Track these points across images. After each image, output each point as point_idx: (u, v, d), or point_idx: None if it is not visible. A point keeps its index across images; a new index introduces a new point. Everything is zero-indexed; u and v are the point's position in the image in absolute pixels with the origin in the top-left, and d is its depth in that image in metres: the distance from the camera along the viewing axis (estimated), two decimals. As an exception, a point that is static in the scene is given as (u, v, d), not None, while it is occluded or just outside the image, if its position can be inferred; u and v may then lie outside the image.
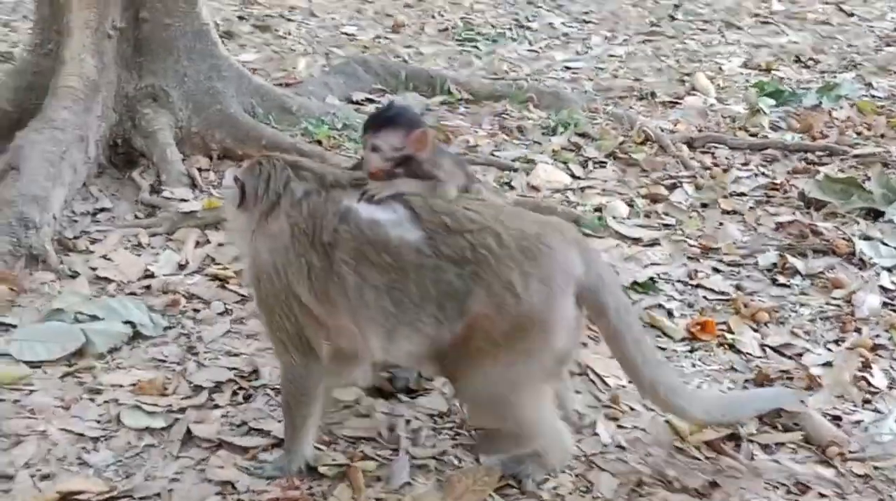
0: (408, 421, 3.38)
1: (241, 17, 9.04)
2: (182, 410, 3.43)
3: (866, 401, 3.59)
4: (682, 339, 3.88)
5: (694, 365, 3.72)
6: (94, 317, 3.93)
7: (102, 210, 4.98)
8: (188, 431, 3.33)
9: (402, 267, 2.89)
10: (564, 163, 5.46)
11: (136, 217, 4.94)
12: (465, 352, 2.89)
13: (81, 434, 3.31)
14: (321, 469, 3.12)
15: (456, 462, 3.20)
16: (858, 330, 4.02)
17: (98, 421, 3.39)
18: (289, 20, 8.98)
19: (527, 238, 2.88)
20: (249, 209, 3.10)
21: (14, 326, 3.96)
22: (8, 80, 5.50)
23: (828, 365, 3.76)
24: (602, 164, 5.50)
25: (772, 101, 6.27)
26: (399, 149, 3.11)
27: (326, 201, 3.02)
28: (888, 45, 8.12)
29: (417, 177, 3.10)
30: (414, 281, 2.88)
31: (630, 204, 4.99)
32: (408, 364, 3.28)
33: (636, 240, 4.66)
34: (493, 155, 5.55)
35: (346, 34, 8.53)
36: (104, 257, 4.53)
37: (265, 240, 3.05)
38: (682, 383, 3.24)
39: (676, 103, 6.49)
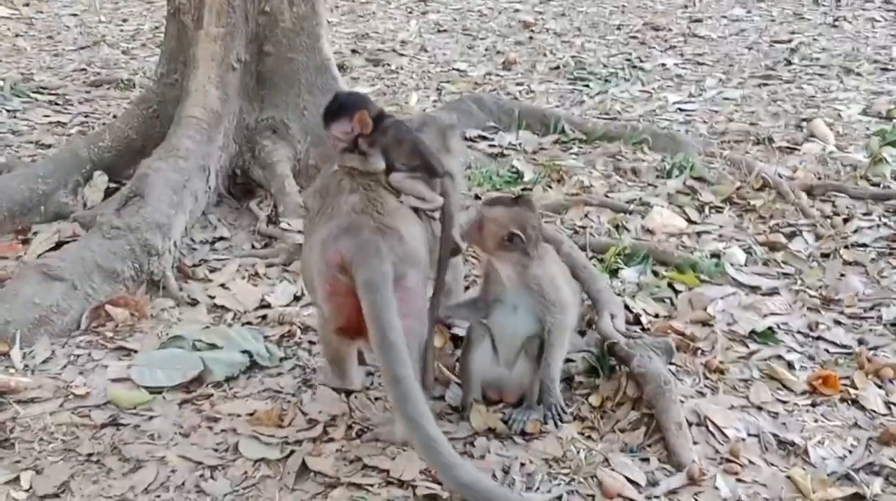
0: (522, 464, 3.34)
1: (354, 51, 9.19)
2: (298, 442, 3.45)
3: None
4: (804, 392, 3.78)
5: (816, 421, 3.61)
6: (212, 346, 3.99)
7: (221, 239, 5.07)
8: (303, 464, 3.34)
9: None
10: (680, 206, 5.39)
11: (253, 247, 5.02)
12: None
13: (200, 462, 3.36)
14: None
15: (571, 508, 3.16)
16: None
17: (216, 450, 3.43)
18: (400, 55, 9.09)
19: None
20: None
21: (135, 351, 4.04)
22: (134, 109, 5.65)
23: (956, 426, 3.63)
24: (719, 210, 5.42)
25: (894, 151, 6.10)
26: (350, 133, 3.56)
27: None
28: None
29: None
30: None
31: (748, 251, 4.90)
32: None
33: (754, 289, 4.56)
34: (607, 196, 5.50)
35: (457, 70, 8.60)
36: (222, 286, 4.61)
37: None
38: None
39: (794, 149, 6.37)
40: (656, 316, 4.31)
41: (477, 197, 5.40)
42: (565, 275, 3.73)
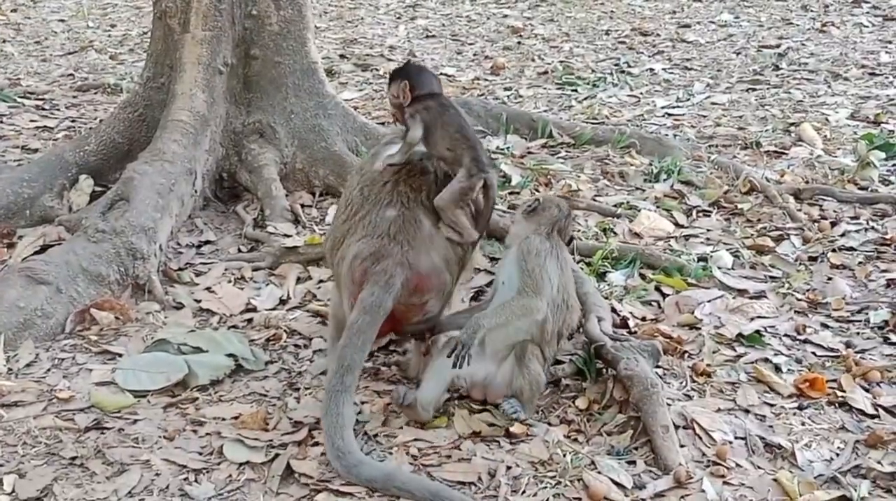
0: (508, 467, 3.33)
1: (342, 56, 9.18)
2: (283, 445, 3.43)
3: None
4: (791, 396, 3.77)
5: (803, 424, 3.60)
6: (197, 349, 3.97)
7: (207, 243, 5.05)
8: (288, 467, 3.32)
9: None
10: (668, 210, 5.39)
11: (240, 251, 5.00)
12: None
13: (184, 466, 3.34)
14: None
15: (557, 511, 3.15)
16: (976, 393, 3.87)
17: (200, 453, 3.41)
18: (389, 60, 9.07)
19: None
20: None
21: (119, 355, 4.02)
22: (119, 112, 5.62)
23: (944, 428, 3.63)
24: (706, 213, 5.41)
25: (882, 155, 6.11)
26: (396, 97, 3.74)
27: None
28: None
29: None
30: None
31: (735, 254, 4.90)
32: None
33: (742, 292, 4.56)
34: (594, 200, 5.50)
35: (445, 75, 8.57)
36: (208, 289, 4.59)
37: None
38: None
39: (782, 153, 6.37)
40: (643, 319, 4.30)
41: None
42: (565, 281, 3.70)
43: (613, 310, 4.24)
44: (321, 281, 4.64)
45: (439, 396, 3.60)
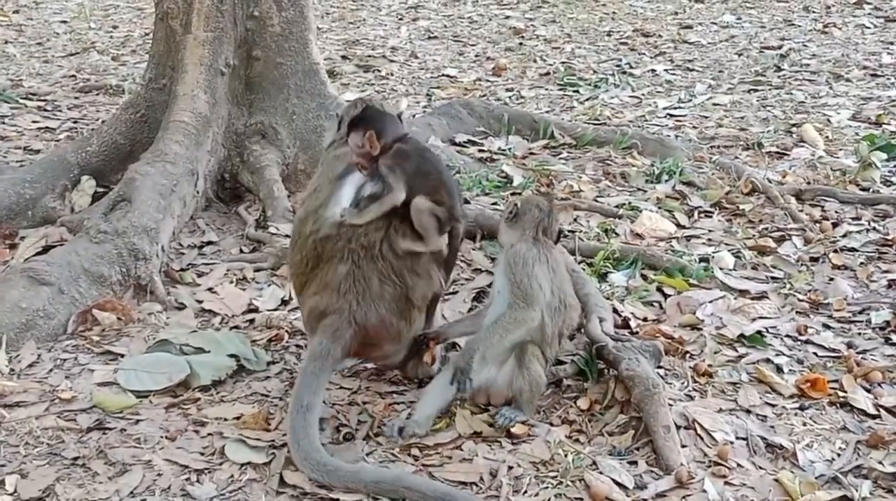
0: (510, 468, 3.33)
1: (344, 57, 9.19)
2: (284, 445, 3.43)
3: None
4: (792, 396, 3.77)
5: (804, 424, 3.60)
6: (199, 350, 3.98)
7: (209, 243, 5.06)
8: (288, 463, 3.33)
9: None
10: (669, 211, 5.39)
11: (242, 251, 5.01)
12: None
13: (186, 466, 3.34)
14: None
15: (559, 512, 3.15)
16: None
17: (202, 454, 3.42)
18: (391, 61, 9.09)
19: None
20: None
21: (121, 355, 4.03)
22: (121, 113, 5.63)
23: (946, 429, 3.63)
24: (708, 214, 5.41)
25: (883, 155, 6.11)
26: (361, 147, 3.57)
27: None
28: None
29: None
30: None
31: (737, 255, 4.90)
32: None
33: (743, 293, 4.56)
34: (596, 201, 5.50)
35: (447, 76, 8.60)
36: (210, 290, 4.60)
37: None
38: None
39: (784, 154, 6.37)
40: (645, 319, 4.30)
41: (466, 201, 5.38)
42: (559, 281, 3.70)
43: (615, 311, 4.24)
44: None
45: (434, 414, 3.59)
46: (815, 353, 4.10)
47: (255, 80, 5.51)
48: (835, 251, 4.98)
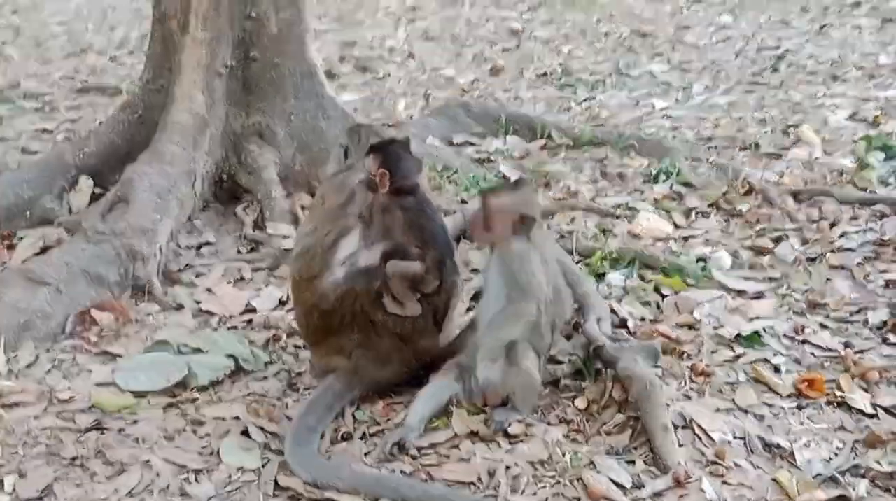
0: (507, 467, 3.33)
1: (342, 59, 9.20)
2: (279, 452, 3.42)
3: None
4: (790, 395, 3.77)
5: (802, 424, 3.60)
6: (197, 350, 3.98)
7: (207, 244, 5.07)
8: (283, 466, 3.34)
9: None
10: (667, 211, 5.39)
11: (240, 252, 5.02)
12: None
13: (184, 466, 3.34)
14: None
15: (557, 511, 3.15)
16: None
17: (200, 453, 3.42)
18: (388, 62, 9.10)
19: None
20: None
21: (120, 356, 4.03)
22: (119, 114, 5.63)
23: (943, 428, 3.63)
24: (705, 214, 5.41)
25: (881, 156, 6.12)
26: (372, 174, 3.61)
27: None
28: None
29: None
30: None
31: (734, 255, 4.90)
32: None
33: (741, 293, 4.56)
34: (593, 201, 5.51)
35: (444, 77, 8.61)
36: (208, 290, 4.61)
37: None
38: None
39: (781, 155, 6.37)
40: (642, 319, 4.30)
41: (463, 201, 5.39)
42: (552, 273, 3.70)
43: (612, 311, 4.24)
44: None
45: (428, 416, 3.58)
46: (812, 353, 4.09)
47: (252, 80, 5.50)
48: (832, 251, 4.98)
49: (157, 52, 5.54)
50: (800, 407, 3.71)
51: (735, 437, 3.49)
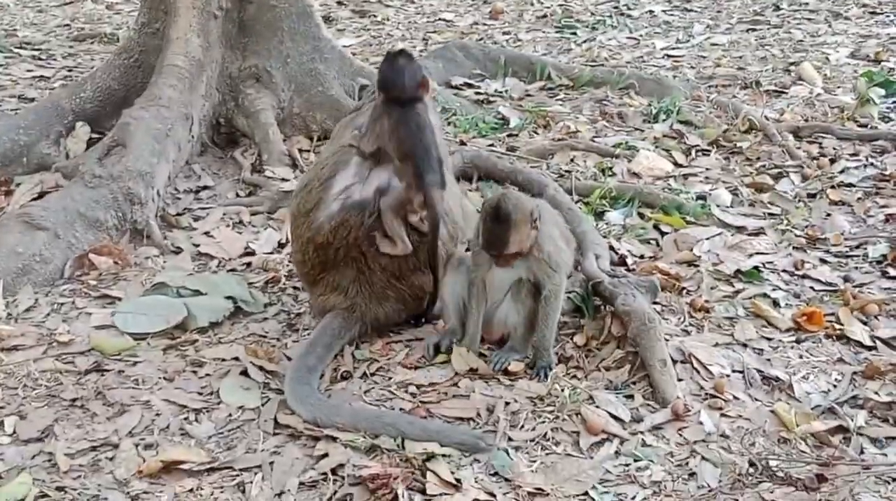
0: (507, 403, 3.34)
1: (339, 3, 9.11)
2: (279, 391, 3.43)
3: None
4: (788, 329, 3.78)
5: (801, 357, 3.61)
6: (196, 292, 3.98)
7: (205, 188, 5.05)
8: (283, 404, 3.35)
9: None
10: (666, 150, 5.37)
11: (238, 195, 5.00)
12: None
13: (184, 406, 3.36)
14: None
15: (555, 445, 3.16)
16: (973, 323, 3.88)
17: (200, 393, 3.43)
18: (387, 6, 9.02)
19: None
20: None
21: (119, 299, 4.03)
22: (115, 59, 5.58)
23: (942, 358, 3.63)
24: (705, 152, 5.40)
25: (881, 92, 6.07)
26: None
27: None
28: None
29: None
30: None
31: (734, 192, 4.89)
32: None
33: (740, 229, 4.56)
34: (593, 141, 5.48)
35: (443, 20, 8.55)
36: (206, 234, 4.60)
37: None
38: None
39: (782, 92, 6.34)
40: (641, 257, 4.31)
41: (462, 142, 5.36)
42: (560, 229, 3.70)
43: (611, 249, 4.24)
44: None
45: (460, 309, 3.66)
46: (811, 287, 4.11)
47: (248, 22, 5.45)
48: (832, 187, 4.97)
49: (152, -5, 5.48)
50: (798, 341, 3.72)
51: (734, 371, 3.51)
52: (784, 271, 4.22)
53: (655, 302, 3.81)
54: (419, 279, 3.73)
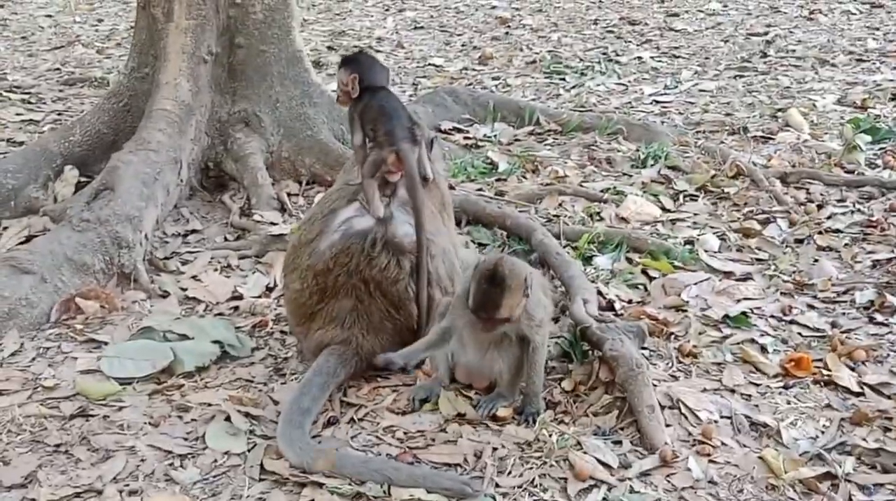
0: (494, 449, 3.32)
1: (330, 48, 9.17)
2: (266, 437, 3.41)
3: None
4: (776, 375, 3.77)
5: (789, 403, 3.60)
6: (183, 336, 3.97)
7: (193, 232, 5.05)
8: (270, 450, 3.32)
9: None
10: (654, 195, 5.38)
11: (226, 239, 5.01)
12: None
13: (169, 451, 3.33)
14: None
15: (543, 491, 3.14)
16: (961, 372, 3.87)
17: (185, 439, 3.40)
18: (377, 51, 9.06)
19: None
20: None
21: (105, 343, 4.01)
22: (104, 103, 5.61)
23: (929, 406, 3.63)
24: (693, 198, 5.41)
25: (868, 138, 6.12)
26: (344, 85, 3.88)
27: None
28: None
29: None
30: None
31: (722, 238, 4.90)
32: None
33: (728, 275, 4.56)
34: (581, 186, 5.50)
35: (433, 65, 8.60)
36: (194, 278, 4.59)
37: None
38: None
39: (769, 138, 6.38)
40: (630, 302, 4.30)
41: (451, 187, 5.36)
42: (541, 284, 3.69)
43: (600, 294, 4.23)
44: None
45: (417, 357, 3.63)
46: (799, 333, 4.10)
47: (238, 67, 5.48)
48: (819, 232, 4.98)
49: (142, 40, 5.52)
50: (786, 387, 3.70)
51: (722, 416, 3.49)
52: (772, 316, 4.22)
53: (643, 348, 3.80)
54: (415, 308, 3.75)
